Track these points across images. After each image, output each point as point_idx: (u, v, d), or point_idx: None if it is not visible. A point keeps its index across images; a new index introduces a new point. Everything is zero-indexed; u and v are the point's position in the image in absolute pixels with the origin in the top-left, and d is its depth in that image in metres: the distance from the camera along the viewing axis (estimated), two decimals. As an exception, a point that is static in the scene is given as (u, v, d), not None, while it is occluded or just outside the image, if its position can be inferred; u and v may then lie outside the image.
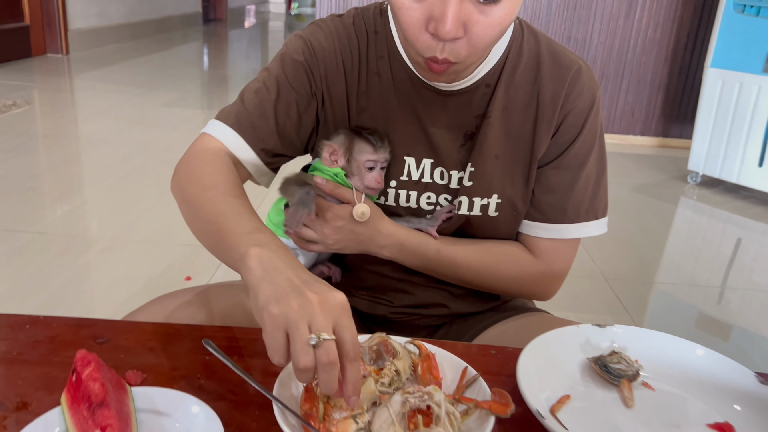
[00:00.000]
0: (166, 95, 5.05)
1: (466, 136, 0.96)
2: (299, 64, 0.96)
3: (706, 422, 0.71)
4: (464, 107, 0.95)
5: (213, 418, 0.63)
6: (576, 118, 0.95)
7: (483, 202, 0.97)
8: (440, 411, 0.62)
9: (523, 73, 0.96)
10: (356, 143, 0.93)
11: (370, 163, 0.93)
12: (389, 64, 0.96)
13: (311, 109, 0.97)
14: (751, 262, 2.83)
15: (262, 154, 0.97)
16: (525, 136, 0.96)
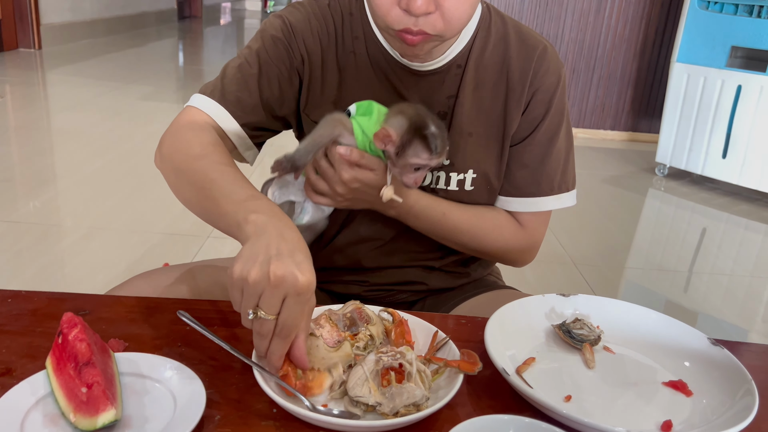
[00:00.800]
0: (141, 89, 5.02)
1: (440, 115, 1.00)
2: (279, 41, 0.98)
3: (661, 380, 0.76)
4: (436, 88, 0.99)
5: (194, 377, 0.66)
6: (544, 95, 1.00)
7: (459, 177, 1.01)
8: (412, 368, 0.66)
9: (491, 54, 1.00)
10: (415, 143, 0.85)
11: (419, 165, 0.87)
12: (365, 44, 0.99)
13: (293, 84, 1.00)
14: (716, 250, 2.92)
15: (246, 127, 0.98)
16: (496, 113, 1.00)
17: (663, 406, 0.71)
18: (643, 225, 3.21)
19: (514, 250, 1.07)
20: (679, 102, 3.66)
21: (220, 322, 0.82)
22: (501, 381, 0.73)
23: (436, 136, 0.85)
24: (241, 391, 0.69)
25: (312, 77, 1.00)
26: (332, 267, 1.10)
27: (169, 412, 0.62)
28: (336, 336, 0.74)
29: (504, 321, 0.81)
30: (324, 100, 1.01)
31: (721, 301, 2.39)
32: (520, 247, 1.07)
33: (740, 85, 3.36)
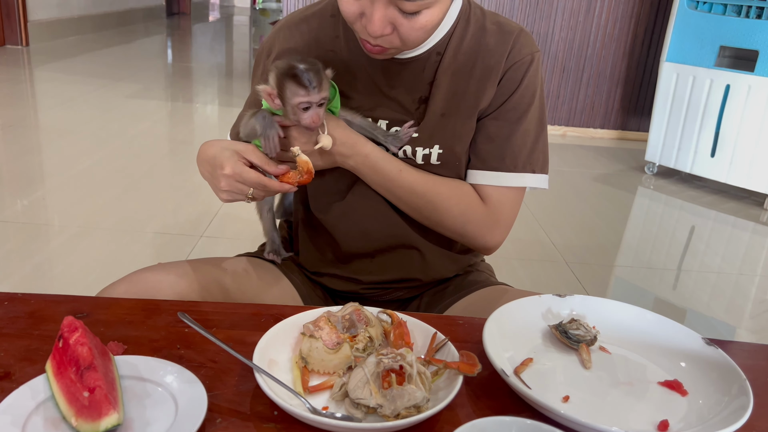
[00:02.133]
0: (129, 87, 4.98)
1: (421, 100, 1.04)
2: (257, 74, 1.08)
3: (657, 380, 0.77)
4: (418, 74, 1.03)
5: (194, 380, 0.66)
6: (515, 72, 1.03)
7: (425, 151, 1.03)
8: (412, 370, 0.66)
9: (470, 41, 1.04)
10: (288, 85, 0.90)
11: (304, 104, 0.90)
12: (344, 42, 1.04)
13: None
14: (704, 247, 2.94)
15: None
16: (472, 94, 1.03)
17: (659, 406, 0.72)
18: (633, 223, 3.23)
19: (473, 222, 1.06)
20: (669, 101, 3.69)
21: (219, 324, 0.83)
22: (499, 382, 0.73)
23: (304, 71, 0.89)
24: (242, 393, 0.69)
25: None
26: (330, 265, 1.13)
27: (170, 415, 0.62)
28: (335, 338, 0.74)
29: (501, 322, 0.81)
30: None
31: (709, 298, 2.42)
32: (480, 221, 1.07)
33: (729, 84, 3.39)
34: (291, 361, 0.74)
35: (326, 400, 0.69)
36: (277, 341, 0.75)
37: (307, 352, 0.72)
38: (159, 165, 3.35)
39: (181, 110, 4.63)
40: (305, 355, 0.72)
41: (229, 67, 6.89)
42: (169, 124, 4.22)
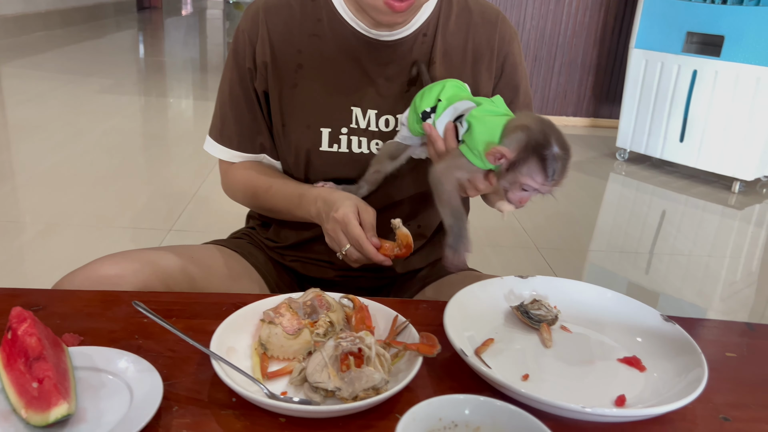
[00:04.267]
0: (100, 82, 4.90)
1: (410, 82, 1.05)
2: (238, 55, 1.06)
3: (616, 357, 0.77)
4: (406, 56, 1.04)
5: (150, 369, 0.65)
6: (513, 59, 1.09)
7: None
8: (371, 352, 0.66)
9: (456, 22, 1.06)
10: (531, 162, 0.79)
11: (529, 187, 0.81)
12: (328, 26, 1.03)
13: (260, 85, 1.06)
14: (675, 231, 2.99)
15: (261, 147, 1.12)
16: (466, 77, 1.05)
17: (618, 382, 0.73)
18: (605, 209, 3.27)
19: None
20: (638, 87, 3.73)
21: (180, 314, 0.82)
22: (461, 363, 0.73)
23: (557, 160, 0.79)
24: (200, 381, 0.68)
25: (268, 71, 1.05)
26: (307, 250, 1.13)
27: (125, 404, 0.61)
28: (296, 324, 0.74)
29: (463, 304, 0.82)
30: (285, 85, 1.05)
31: (681, 282, 2.45)
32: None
33: (696, 69, 3.44)
34: (251, 348, 0.73)
35: (285, 386, 0.68)
36: (236, 329, 0.74)
37: (266, 339, 0.72)
38: (129, 160, 3.31)
39: (154, 105, 4.57)
40: (264, 342, 0.72)
41: (203, 61, 6.82)
42: (141, 119, 4.16)
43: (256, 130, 1.10)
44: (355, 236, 0.92)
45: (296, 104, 1.05)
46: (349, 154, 1.05)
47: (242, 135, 1.11)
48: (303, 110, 1.05)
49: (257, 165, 1.13)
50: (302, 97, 1.04)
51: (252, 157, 1.13)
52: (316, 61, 1.04)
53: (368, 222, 0.95)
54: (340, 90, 1.04)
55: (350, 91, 1.04)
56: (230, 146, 1.11)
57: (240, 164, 1.13)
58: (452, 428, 0.57)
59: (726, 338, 0.87)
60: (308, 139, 1.04)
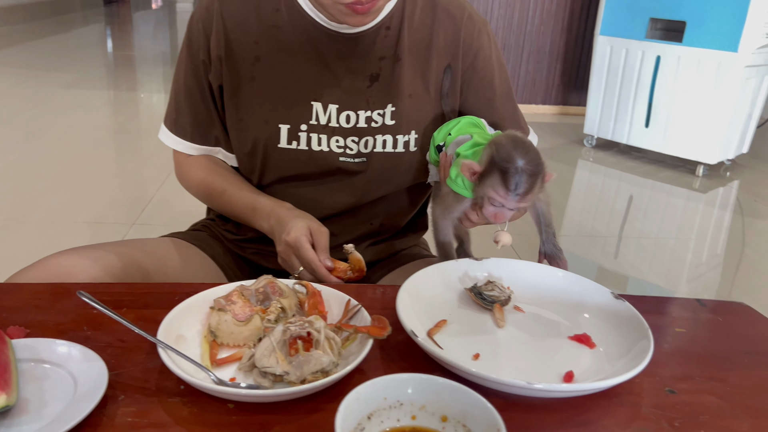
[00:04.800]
0: (65, 77, 4.81)
1: (372, 77, 1.02)
2: (192, 44, 1.04)
3: (567, 335, 0.78)
4: (368, 50, 1.01)
5: (96, 359, 0.64)
6: (484, 53, 1.06)
7: (405, 138, 1.03)
8: (320, 336, 0.66)
9: (420, 16, 1.03)
10: (493, 176, 0.82)
11: (495, 201, 0.84)
12: (287, 16, 1.00)
13: (215, 79, 1.04)
14: (642, 216, 3.03)
15: (216, 140, 1.10)
16: (432, 73, 1.04)
17: (567, 359, 0.73)
18: (574, 195, 3.31)
19: None
20: (604, 74, 3.76)
21: (131, 304, 0.81)
22: (414, 345, 0.73)
23: (519, 173, 0.80)
24: (148, 371, 0.67)
25: (223, 65, 1.02)
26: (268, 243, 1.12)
27: (69, 394, 0.60)
28: (248, 311, 0.73)
29: (418, 286, 0.82)
30: (242, 78, 1.02)
31: (648, 266, 2.49)
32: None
33: (659, 55, 3.48)
34: (201, 335, 0.73)
35: (234, 372, 0.68)
36: (187, 317, 0.73)
37: (216, 326, 0.71)
38: (93, 155, 3.25)
39: (120, 99, 4.50)
40: (214, 329, 0.71)
41: (173, 54, 6.73)
42: (106, 114, 4.10)
43: (211, 122, 1.08)
44: (308, 260, 0.91)
45: (254, 98, 1.02)
46: (309, 151, 1.02)
47: (197, 127, 1.08)
48: (261, 105, 1.02)
49: (212, 163, 1.11)
50: (260, 91, 1.01)
51: (207, 150, 1.11)
52: (274, 53, 1.00)
53: (322, 244, 0.93)
54: (300, 84, 1.01)
55: (310, 85, 1.01)
56: (184, 137, 1.09)
57: (195, 159, 1.11)
58: (398, 407, 0.57)
59: (677, 315, 0.89)
60: (266, 135, 1.01)
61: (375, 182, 1.06)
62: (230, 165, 1.12)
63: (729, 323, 0.88)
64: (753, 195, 3.38)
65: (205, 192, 1.12)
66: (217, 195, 1.09)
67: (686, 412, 0.66)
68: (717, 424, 0.65)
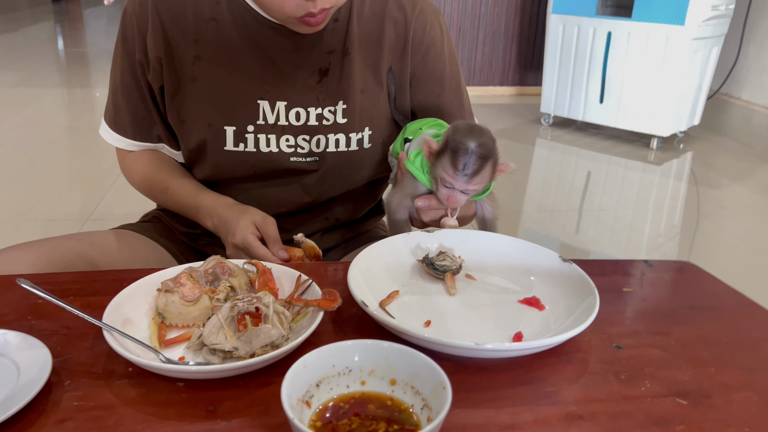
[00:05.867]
0: (12, 75, 4.68)
1: (321, 72, 0.98)
2: (126, 52, 0.99)
3: (517, 299, 0.79)
4: (315, 44, 0.97)
5: (39, 345, 0.63)
6: (435, 48, 1.04)
7: (358, 136, 1.01)
8: (268, 311, 0.66)
9: (371, 7, 1.00)
10: (443, 156, 0.84)
11: (446, 182, 0.85)
12: (227, 8, 0.96)
13: (155, 81, 0.99)
14: (600, 191, 3.09)
15: (158, 138, 1.06)
16: (383, 68, 1.01)
17: (517, 322, 0.75)
18: (534, 173, 3.35)
19: None
20: (557, 52, 3.81)
21: (78, 292, 0.79)
22: (367, 317, 0.74)
23: (468, 154, 0.82)
24: (95, 356, 0.66)
25: (163, 66, 0.98)
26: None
27: (11, 382, 0.59)
28: (197, 292, 0.72)
29: (370, 260, 0.82)
30: (182, 79, 0.98)
31: (608, 240, 2.54)
32: None
33: (610, 31, 3.53)
34: (149, 318, 0.72)
35: (183, 351, 0.67)
36: (133, 300, 0.72)
37: (163, 307, 0.70)
38: (43, 152, 3.17)
39: (74, 96, 4.39)
40: (161, 311, 0.70)
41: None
42: (57, 111, 3.99)
43: (152, 121, 1.04)
44: (261, 257, 0.89)
45: (195, 100, 0.97)
46: (257, 153, 0.99)
47: (137, 125, 1.04)
48: (203, 107, 0.97)
49: (155, 159, 1.07)
50: (202, 92, 0.97)
51: (149, 146, 1.07)
52: (214, 50, 0.96)
53: (271, 235, 0.92)
54: (244, 82, 0.96)
55: (255, 83, 0.97)
56: (125, 135, 1.06)
57: (138, 155, 1.08)
58: (347, 374, 0.57)
59: (625, 276, 0.91)
60: (211, 138, 0.98)
61: (329, 181, 1.04)
62: (176, 161, 1.09)
63: (674, 281, 0.90)
64: (705, 165, 3.47)
65: (147, 189, 1.09)
66: (160, 192, 1.07)
67: (632, 365, 0.68)
68: (661, 374, 0.67)
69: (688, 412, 0.61)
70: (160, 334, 0.68)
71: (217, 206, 0.98)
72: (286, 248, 0.92)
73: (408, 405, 0.55)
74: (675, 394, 0.64)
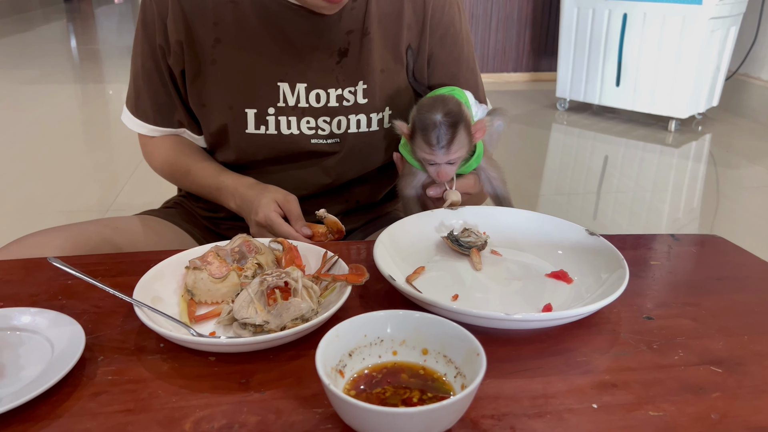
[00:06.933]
0: (27, 73, 4.72)
1: (340, 52, 0.98)
2: (147, 37, 1.00)
3: (544, 273, 0.79)
4: (334, 24, 0.97)
5: (72, 322, 0.63)
6: (454, 27, 1.03)
7: (378, 116, 1.01)
8: (297, 285, 0.66)
9: None
10: (416, 136, 0.85)
11: (428, 160, 0.86)
12: None
13: (176, 65, 1.00)
14: (618, 173, 3.06)
15: (178, 123, 1.06)
16: (403, 47, 1.01)
17: (545, 294, 0.74)
18: (550, 157, 3.32)
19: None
20: (572, 36, 3.77)
21: (106, 273, 0.80)
22: (393, 292, 0.74)
23: (436, 126, 0.82)
24: (126, 333, 0.67)
25: (184, 50, 0.98)
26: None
27: (46, 357, 0.60)
28: (224, 270, 0.73)
29: (395, 237, 0.82)
30: (202, 62, 0.98)
31: (627, 222, 2.52)
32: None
33: (626, 13, 3.49)
34: (177, 296, 0.72)
35: (213, 327, 0.68)
36: (162, 278, 0.73)
37: (192, 284, 0.71)
38: (61, 147, 3.20)
39: (88, 92, 4.43)
40: (191, 288, 0.71)
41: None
42: (71, 107, 4.03)
43: (173, 106, 1.04)
44: (284, 234, 0.89)
45: (216, 83, 0.98)
46: (278, 135, 0.99)
47: (158, 110, 1.05)
48: (224, 89, 0.98)
49: (176, 143, 1.08)
50: (222, 75, 0.97)
51: (170, 131, 1.08)
52: (234, 32, 0.96)
53: (294, 212, 0.92)
54: (263, 64, 0.96)
55: (274, 65, 0.96)
56: (146, 121, 1.06)
57: (159, 140, 1.09)
58: (378, 344, 0.57)
59: (651, 249, 0.90)
60: (232, 121, 0.98)
61: (349, 162, 1.04)
62: (197, 145, 1.10)
63: (701, 254, 0.89)
64: (725, 147, 3.42)
65: (170, 173, 1.10)
66: (182, 176, 1.07)
67: (663, 335, 0.68)
68: (693, 344, 0.66)
69: (723, 380, 0.60)
70: (190, 311, 0.69)
71: (239, 186, 0.98)
72: (308, 225, 0.92)
73: (441, 374, 0.55)
74: (709, 362, 0.63)
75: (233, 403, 0.56)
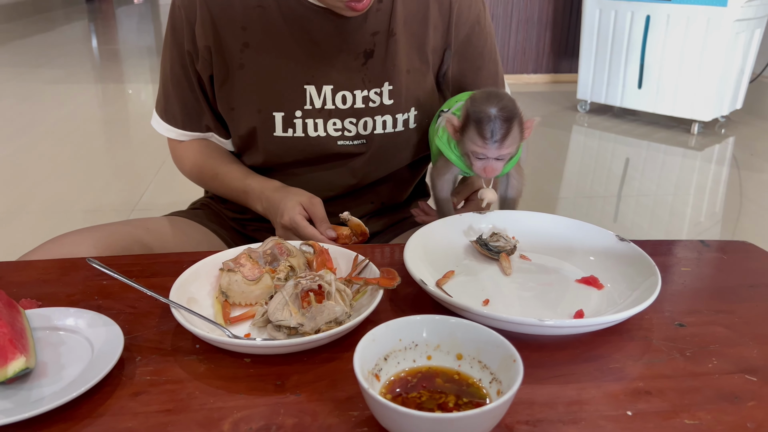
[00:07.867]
0: (50, 73, 4.78)
1: (366, 54, 0.99)
2: (176, 43, 1.01)
3: (575, 279, 0.79)
4: (359, 25, 0.98)
5: (110, 323, 0.65)
6: (480, 25, 1.05)
7: (404, 117, 1.02)
8: (331, 288, 0.67)
9: None
10: (469, 128, 0.83)
11: (478, 153, 0.85)
12: None
13: (204, 70, 1.01)
14: (639, 176, 3.04)
15: (206, 128, 1.08)
16: (428, 47, 1.02)
17: (576, 300, 0.74)
18: (570, 159, 3.31)
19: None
20: (594, 38, 3.75)
21: (140, 274, 0.81)
22: (424, 296, 0.74)
23: (492, 120, 0.81)
24: (162, 333, 0.68)
25: (213, 55, 0.99)
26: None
27: (86, 357, 0.61)
28: (257, 272, 0.74)
29: (424, 240, 0.82)
30: (231, 67, 0.99)
31: (649, 224, 2.50)
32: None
33: (649, 15, 3.46)
34: (212, 297, 0.73)
35: (248, 328, 0.68)
36: (196, 280, 0.74)
37: (227, 286, 0.72)
38: (85, 146, 3.24)
39: (109, 91, 4.48)
40: (225, 289, 0.72)
41: (159, 46, 6.67)
42: (95, 106, 4.08)
43: (201, 111, 1.05)
44: (309, 237, 0.90)
45: (244, 87, 0.99)
46: (306, 138, 1.00)
47: (186, 115, 1.06)
48: (252, 93, 0.99)
49: (204, 147, 1.09)
50: (250, 79, 0.98)
51: (199, 136, 1.09)
52: (261, 36, 0.97)
53: (319, 215, 0.93)
54: (291, 67, 0.97)
55: (301, 68, 0.97)
56: (175, 125, 1.08)
57: (188, 144, 1.10)
58: (413, 348, 0.58)
59: (681, 255, 0.90)
60: (260, 125, 0.99)
61: (375, 163, 1.05)
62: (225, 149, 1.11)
63: (732, 260, 0.89)
64: (748, 150, 3.38)
65: (198, 176, 1.12)
66: (210, 179, 1.09)
67: (696, 342, 0.67)
68: (727, 351, 0.66)
69: (758, 388, 0.60)
70: (225, 312, 0.70)
71: (265, 189, 0.99)
72: (333, 227, 0.93)
73: (476, 379, 0.56)
74: (743, 371, 0.63)
75: (270, 405, 0.57)
